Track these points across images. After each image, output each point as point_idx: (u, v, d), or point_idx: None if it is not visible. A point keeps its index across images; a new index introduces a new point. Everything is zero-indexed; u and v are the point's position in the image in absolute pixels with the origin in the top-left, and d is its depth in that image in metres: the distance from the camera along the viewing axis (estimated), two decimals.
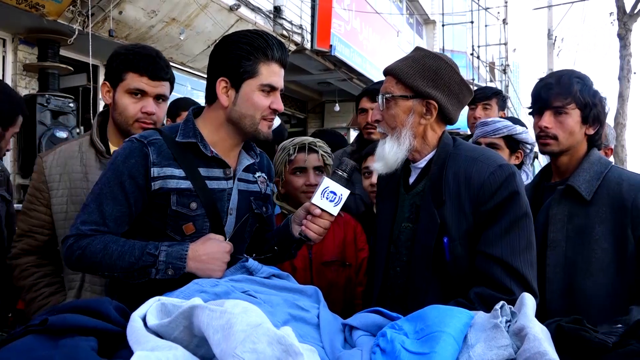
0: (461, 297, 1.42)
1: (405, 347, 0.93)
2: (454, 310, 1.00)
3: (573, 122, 1.83)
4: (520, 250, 1.40)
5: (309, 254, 2.13)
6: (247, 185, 1.68)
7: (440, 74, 1.52)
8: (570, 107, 1.82)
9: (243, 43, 1.53)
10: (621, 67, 9.77)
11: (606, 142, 2.60)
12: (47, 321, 0.72)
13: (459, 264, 1.45)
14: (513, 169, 1.47)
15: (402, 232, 1.60)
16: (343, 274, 2.14)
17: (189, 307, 0.74)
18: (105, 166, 1.58)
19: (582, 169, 1.82)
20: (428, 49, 1.63)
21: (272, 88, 1.56)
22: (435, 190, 1.50)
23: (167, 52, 6.30)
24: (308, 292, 1.32)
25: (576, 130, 1.83)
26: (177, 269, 1.43)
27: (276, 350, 0.67)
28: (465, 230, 1.45)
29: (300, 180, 2.16)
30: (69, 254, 1.46)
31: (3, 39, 5.14)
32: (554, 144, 1.86)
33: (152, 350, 0.67)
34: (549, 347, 0.86)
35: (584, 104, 1.82)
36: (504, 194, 1.42)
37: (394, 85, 1.55)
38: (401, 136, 1.53)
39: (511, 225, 1.41)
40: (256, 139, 1.61)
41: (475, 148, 1.59)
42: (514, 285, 1.37)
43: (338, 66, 8.98)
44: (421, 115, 1.54)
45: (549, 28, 16.47)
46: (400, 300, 1.56)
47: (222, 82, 1.54)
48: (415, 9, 14.55)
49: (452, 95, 1.54)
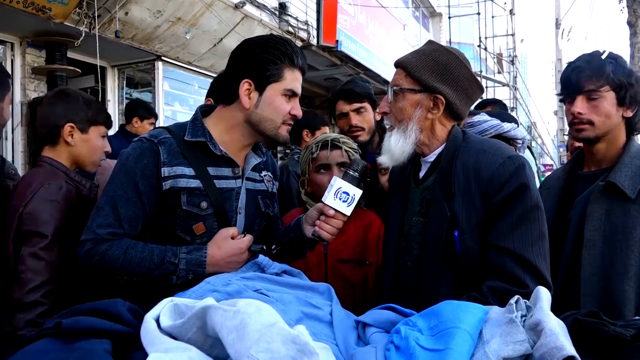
0: (473, 290, 1.41)
1: (420, 344, 0.92)
2: (469, 306, 0.99)
3: (609, 105, 1.72)
4: (532, 242, 1.38)
5: (325, 249, 2.12)
6: (255, 185, 1.68)
7: (450, 69, 1.51)
8: (604, 89, 1.71)
9: (271, 47, 1.54)
10: (632, 55, 9.65)
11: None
12: (61, 324, 0.72)
13: (470, 257, 1.44)
14: (522, 160, 1.45)
15: (413, 226, 1.59)
16: (360, 272, 2.11)
17: (202, 307, 0.74)
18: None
19: (623, 163, 1.71)
20: (440, 43, 1.62)
21: (293, 93, 1.58)
22: (445, 184, 1.49)
23: (174, 52, 6.33)
24: (320, 289, 1.32)
25: (612, 113, 1.73)
26: (198, 274, 1.45)
27: (291, 349, 0.66)
28: (476, 222, 1.43)
29: (324, 178, 2.11)
30: (87, 258, 1.46)
31: (11, 42, 5.18)
32: (589, 129, 1.76)
33: (167, 352, 0.67)
34: (565, 341, 0.85)
35: (618, 85, 1.71)
36: (514, 185, 1.41)
37: (403, 78, 1.55)
38: (408, 129, 1.53)
39: (522, 217, 1.39)
40: (275, 142, 1.62)
41: (484, 140, 1.57)
42: (527, 277, 1.35)
43: (345, 61, 8.96)
44: (428, 110, 1.53)
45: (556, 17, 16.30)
46: (412, 294, 1.55)
47: (245, 83, 1.54)
48: (421, 1, 14.47)
49: (460, 91, 1.53)
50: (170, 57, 6.42)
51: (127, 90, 6.79)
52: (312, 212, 1.64)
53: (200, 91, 7.15)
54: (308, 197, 2.22)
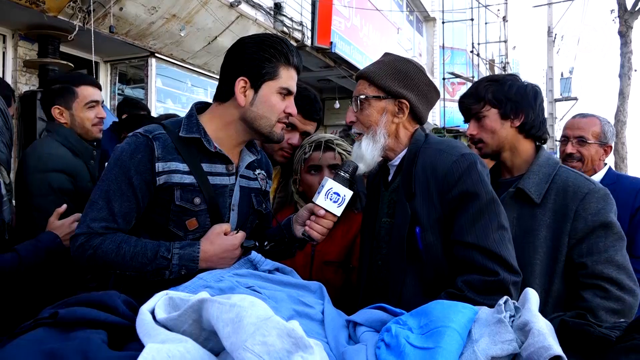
0: (437, 285, 1.48)
1: (410, 342, 0.94)
2: (458, 306, 1.01)
3: (492, 122, 1.92)
4: (492, 232, 1.45)
5: (312, 251, 2.13)
6: (249, 182, 1.69)
7: (410, 75, 1.63)
8: (485, 109, 1.92)
9: (267, 45, 1.56)
10: (622, 65, 9.78)
11: (604, 139, 2.59)
12: (57, 314, 0.73)
13: (431, 252, 1.51)
14: (475, 158, 1.53)
15: (382, 227, 1.67)
16: (342, 275, 2.12)
17: (198, 300, 0.74)
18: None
19: (532, 171, 1.86)
20: (396, 54, 1.74)
21: (288, 92, 1.60)
22: (406, 184, 1.58)
23: (168, 49, 6.31)
24: (312, 288, 1.33)
25: (497, 127, 1.91)
26: (190, 270, 1.46)
27: (286, 342, 0.67)
28: (435, 218, 1.51)
29: (315, 179, 2.13)
30: (80, 252, 1.46)
31: (3, 35, 5.13)
32: (483, 146, 1.95)
33: (163, 343, 0.67)
34: (553, 341, 0.87)
35: (498, 102, 1.90)
36: (467, 181, 1.48)
37: (367, 87, 1.65)
38: (376, 134, 1.62)
39: (480, 211, 1.47)
40: (270, 139, 1.64)
41: (443, 141, 1.65)
42: (496, 266, 1.42)
43: (338, 63, 8.99)
44: (394, 115, 1.64)
45: (549, 25, 16.47)
46: (382, 292, 1.62)
47: (241, 81, 1.56)
48: (415, 6, 14.54)
49: (421, 95, 1.65)
50: (163, 53, 6.40)
51: (119, 86, 6.75)
52: (303, 212, 1.66)
53: (193, 89, 7.14)
54: (299, 197, 2.23)
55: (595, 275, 1.72)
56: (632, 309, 1.72)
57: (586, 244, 1.75)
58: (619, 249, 1.75)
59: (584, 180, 1.83)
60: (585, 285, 1.72)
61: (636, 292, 1.73)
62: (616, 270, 1.72)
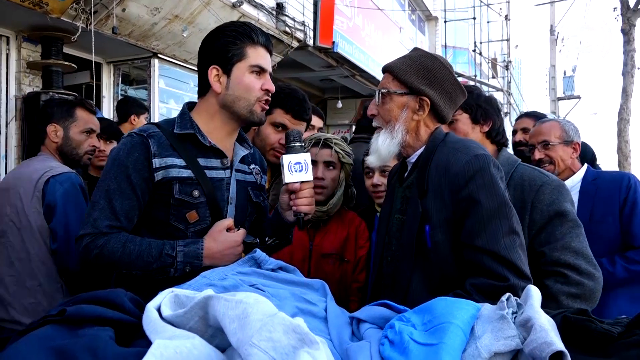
0: (443, 284, 1.47)
1: (414, 338, 0.94)
2: (461, 302, 1.02)
3: (464, 125, 2.10)
4: (503, 237, 1.43)
5: (310, 246, 2.16)
6: (244, 176, 1.72)
7: (435, 72, 1.60)
8: (457, 113, 2.08)
9: (229, 30, 1.60)
10: (625, 63, 9.75)
11: (568, 137, 2.60)
12: (65, 311, 0.74)
13: (440, 251, 1.49)
14: (489, 159, 1.51)
15: (394, 223, 1.67)
16: (340, 268, 2.17)
17: (204, 297, 0.76)
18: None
19: None
20: (425, 50, 1.72)
21: (261, 69, 1.62)
22: (420, 181, 1.57)
23: (170, 50, 6.32)
24: (315, 285, 1.34)
25: (469, 131, 2.08)
26: (195, 267, 1.48)
27: (292, 339, 0.68)
28: (445, 218, 1.50)
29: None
30: (86, 252, 1.48)
31: (7, 36, 5.15)
32: None
33: (171, 339, 0.69)
34: (555, 337, 0.87)
35: (469, 107, 2.08)
36: (479, 182, 1.46)
37: (391, 82, 1.64)
38: (394, 130, 1.62)
39: (491, 214, 1.44)
40: (250, 121, 1.65)
41: (460, 140, 1.64)
42: (506, 271, 1.41)
43: (340, 63, 8.99)
44: (414, 111, 1.62)
45: (551, 24, 16.43)
46: (390, 288, 1.63)
47: (213, 69, 1.60)
48: (417, 5, 14.52)
49: (445, 94, 1.62)
50: (166, 54, 6.41)
51: (122, 87, 6.77)
52: (283, 197, 1.69)
53: (196, 89, 7.14)
54: None
55: (554, 262, 1.77)
56: (593, 293, 1.76)
57: (544, 233, 1.81)
58: (574, 235, 1.81)
59: (538, 173, 1.92)
60: (546, 273, 1.77)
61: (596, 275, 1.78)
62: (574, 256, 1.77)
